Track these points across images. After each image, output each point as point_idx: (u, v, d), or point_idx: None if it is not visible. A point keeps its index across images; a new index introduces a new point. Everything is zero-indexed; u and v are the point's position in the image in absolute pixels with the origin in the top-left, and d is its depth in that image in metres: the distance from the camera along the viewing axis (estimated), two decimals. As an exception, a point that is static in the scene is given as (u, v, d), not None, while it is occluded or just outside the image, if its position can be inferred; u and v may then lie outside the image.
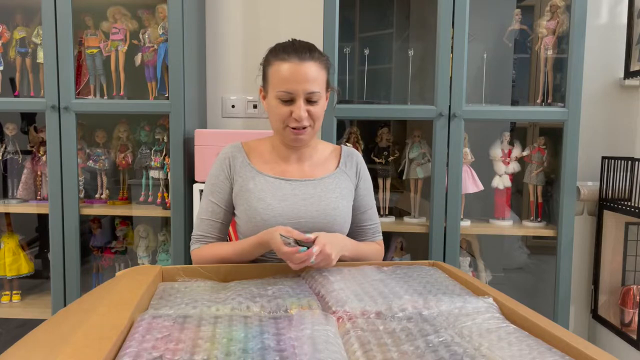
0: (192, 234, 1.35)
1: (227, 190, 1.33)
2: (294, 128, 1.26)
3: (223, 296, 0.96)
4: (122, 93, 2.17)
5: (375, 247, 1.42)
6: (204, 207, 1.34)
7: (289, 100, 1.24)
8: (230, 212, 1.35)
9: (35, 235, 2.45)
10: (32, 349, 0.83)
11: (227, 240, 1.37)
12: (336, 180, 1.36)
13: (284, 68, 1.23)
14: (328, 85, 1.33)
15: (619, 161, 2.05)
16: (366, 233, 1.42)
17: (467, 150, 2.09)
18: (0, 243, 2.26)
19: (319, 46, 1.93)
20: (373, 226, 1.43)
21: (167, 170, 2.16)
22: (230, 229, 1.81)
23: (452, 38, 1.92)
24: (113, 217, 2.35)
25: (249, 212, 1.29)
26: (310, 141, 1.35)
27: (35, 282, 2.40)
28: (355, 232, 1.42)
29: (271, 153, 1.37)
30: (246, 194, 1.30)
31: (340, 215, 1.32)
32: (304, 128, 1.27)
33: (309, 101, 1.25)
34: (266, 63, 1.29)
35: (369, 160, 2.18)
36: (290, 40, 1.30)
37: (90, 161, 2.24)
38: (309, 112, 1.25)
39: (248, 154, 1.36)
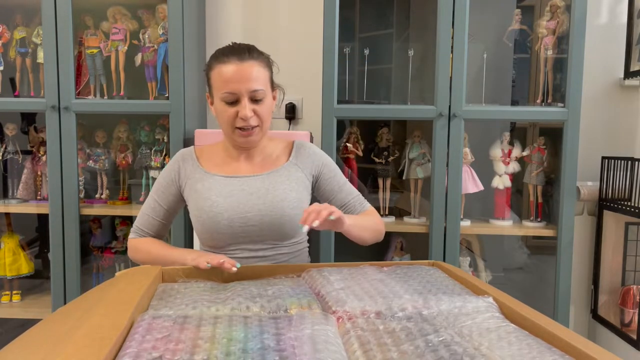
0: (134, 223, 1.41)
1: (171, 192, 1.38)
2: (242, 129, 1.28)
3: (223, 296, 0.96)
4: (122, 93, 2.17)
5: (366, 214, 1.40)
6: (148, 203, 1.40)
7: (234, 102, 1.26)
8: (171, 212, 1.40)
9: (35, 235, 2.45)
10: (31, 347, 0.83)
11: (163, 238, 1.43)
12: (286, 173, 1.37)
13: (225, 70, 1.25)
14: (273, 84, 1.34)
15: (619, 161, 2.05)
16: (354, 207, 1.41)
17: (467, 150, 2.09)
18: (0, 243, 2.26)
19: (319, 46, 1.96)
20: (355, 198, 1.42)
21: (167, 170, 2.16)
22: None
23: (452, 38, 1.92)
24: (113, 217, 2.35)
25: (196, 212, 1.32)
26: (261, 141, 1.36)
27: (35, 282, 2.40)
28: (345, 212, 1.40)
29: (222, 155, 1.40)
30: (194, 195, 1.34)
31: (290, 206, 1.32)
32: (252, 128, 1.28)
33: (254, 100, 1.26)
34: (208, 68, 1.31)
35: (369, 161, 2.18)
36: (230, 43, 1.31)
37: (90, 161, 2.24)
38: (255, 111, 1.27)
39: (199, 158, 1.39)
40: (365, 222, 1.34)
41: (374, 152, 2.18)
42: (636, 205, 1.93)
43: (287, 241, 1.37)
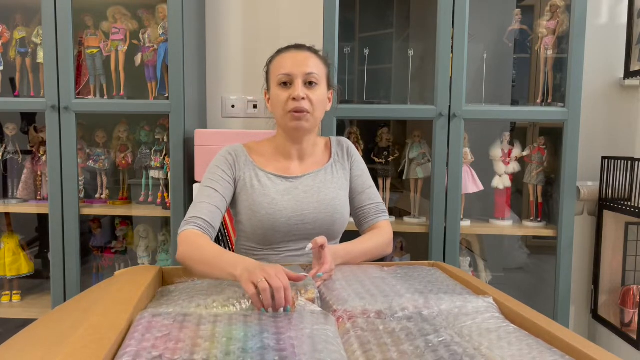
0: (185, 218, 1.26)
1: (227, 179, 1.33)
2: (294, 112, 1.28)
3: (219, 289, 0.96)
4: (122, 93, 2.17)
5: (373, 234, 1.37)
6: (200, 193, 1.30)
7: (289, 85, 1.29)
8: (225, 201, 1.31)
9: (35, 235, 2.45)
10: (29, 347, 0.82)
11: (214, 232, 1.26)
12: (332, 171, 1.40)
13: (283, 57, 1.31)
14: (329, 83, 1.37)
15: (619, 161, 2.05)
16: (368, 214, 1.41)
17: (467, 150, 2.09)
18: (0, 243, 2.26)
19: (319, 46, 1.94)
20: (374, 205, 1.42)
21: (167, 170, 2.16)
22: (229, 221, 1.80)
23: (452, 38, 1.92)
24: (113, 217, 2.35)
25: (253, 207, 1.31)
26: (312, 131, 1.37)
27: (35, 282, 2.40)
28: (358, 216, 1.43)
29: (273, 153, 1.40)
30: (250, 190, 1.33)
31: (340, 204, 1.36)
32: (304, 112, 1.28)
33: (308, 84, 1.29)
34: (268, 62, 1.37)
35: (369, 161, 2.18)
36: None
37: (90, 161, 2.24)
38: (308, 96, 1.28)
39: (250, 154, 1.39)
40: (366, 247, 1.32)
41: (374, 152, 2.18)
42: (636, 205, 1.93)
43: (334, 240, 1.39)
